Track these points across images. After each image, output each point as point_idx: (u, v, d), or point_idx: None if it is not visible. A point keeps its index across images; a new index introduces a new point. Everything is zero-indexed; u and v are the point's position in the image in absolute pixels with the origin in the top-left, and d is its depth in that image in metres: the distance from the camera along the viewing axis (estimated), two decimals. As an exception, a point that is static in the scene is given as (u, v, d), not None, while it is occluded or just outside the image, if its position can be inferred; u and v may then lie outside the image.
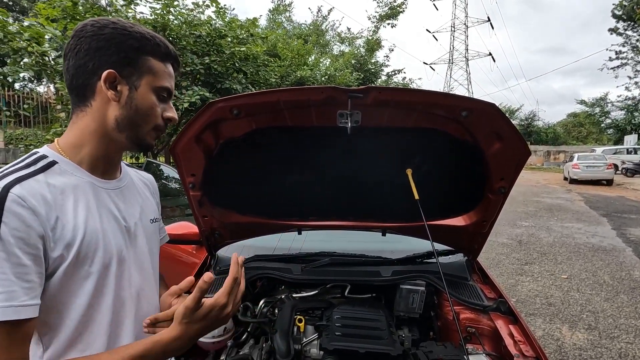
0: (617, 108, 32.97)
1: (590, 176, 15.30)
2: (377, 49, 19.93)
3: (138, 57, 0.74)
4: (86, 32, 0.71)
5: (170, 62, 0.80)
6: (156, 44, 0.75)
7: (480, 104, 1.12)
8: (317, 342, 1.35)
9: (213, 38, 7.20)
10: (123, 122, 0.75)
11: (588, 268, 4.89)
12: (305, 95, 1.14)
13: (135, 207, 0.86)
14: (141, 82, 0.74)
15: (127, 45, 0.72)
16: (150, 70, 0.75)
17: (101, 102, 0.73)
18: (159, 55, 0.76)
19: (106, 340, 0.74)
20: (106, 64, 0.71)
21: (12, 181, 0.62)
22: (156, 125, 0.79)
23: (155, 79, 0.76)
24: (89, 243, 0.70)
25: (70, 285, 0.68)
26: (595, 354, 2.85)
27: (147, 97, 0.75)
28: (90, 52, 0.71)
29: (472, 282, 1.67)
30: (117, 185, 0.82)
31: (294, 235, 1.92)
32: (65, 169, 0.72)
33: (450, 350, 1.26)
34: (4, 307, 0.57)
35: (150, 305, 0.87)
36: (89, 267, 0.70)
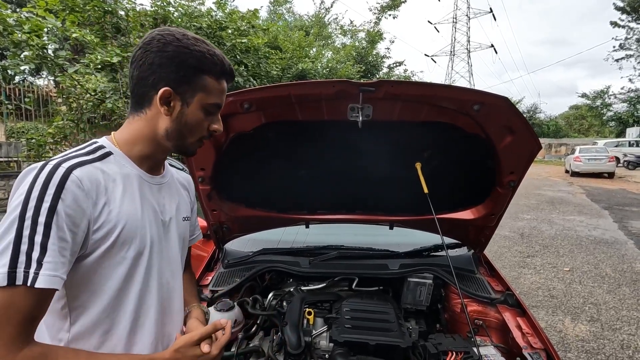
0: (620, 100, 32.78)
1: (592, 169, 15.26)
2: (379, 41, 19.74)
3: (195, 76, 0.77)
4: (152, 46, 0.75)
5: (225, 78, 0.82)
6: (214, 62, 0.78)
7: (492, 97, 1.11)
8: (326, 334, 1.37)
9: (214, 30, 7.14)
10: (172, 134, 0.80)
11: (590, 260, 4.91)
12: (316, 89, 1.13)
13: (173, 203, 0.90)
14: (194, 100, 0.78)
15: (187, 64, 0.75)
16: (204, 88, 0.78)
17: (155, 113, 0.78)
18: (214, 73, 0.79)
19: (129, 324, 0.77)
20: (164, 81, 0.75)
21: (75, 164, 0.68)
22: (201, 137, 0.84)
23: (207, 96, 0.79)
24: (129, 230, 0.74)
25: (106, 268, 0.73)
26: (597, 346, 2.88)
27: (196, 113, 0.79)
28: (153, 67, 0.75)
29: (479, 275, 1.68)
30: (160, 181, 0.87)
31: (299, 229, 1.93)
32: (119, 160, 0.78)
33: (459, 342, 1.28)
34: (51, 275, 0.62)
35: (175, 298, 0.90)
36: (125, 252, 0.74)
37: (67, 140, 6.12)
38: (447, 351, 1.22)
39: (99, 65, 5.81)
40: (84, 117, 6.03)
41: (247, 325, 1.44)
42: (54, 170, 0.65)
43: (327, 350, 1.31)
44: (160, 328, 0.84)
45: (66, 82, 5.59)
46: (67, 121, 5.94)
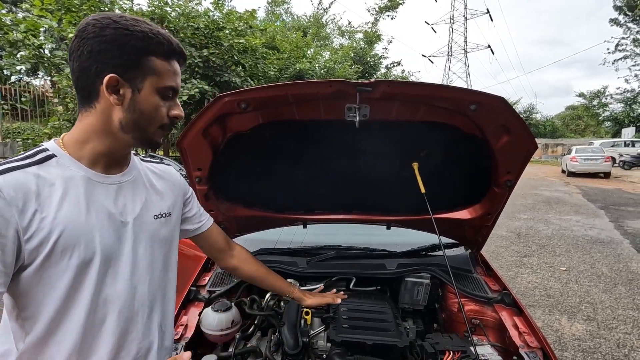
0: (616, 101, 33.00)
1: (588, 169, 15.36)
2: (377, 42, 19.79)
3: (141, 58, 0.72)
4: (88, 33, 0.69)
5: (175, 58, 0.77)
6: (159, 42, 0.73)
7: (489, 97, 1.12)
8: (324, 334, 1.37)
9: (211, 30, 7.13)
10: (128, 125, 0.75)
11: (586, 260, 4.93)
12: (313, 89, 1.13)
13: (137, 202, 0.84)
14: (144, 84, 0.73)
15: (129, 46, 0.70)
16: (154, 70, 0.74)
17: (105, 105, 0.73)
18: (162, 53, 0.74)
19: (81, 334, 0.73)
20: (108, 68, 0.70)
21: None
22: (162, 125, 0.79)
23: (159, 79, 0.74)
24: (70, 237, 0.70)
25: (49, 277, 0.69)
26: (594, 345, 2.89)
27: (150, 98, 0.75)
28: (92, 55, 0.70)
29: (476, 275, 1.69)
30: (119, 180, 0.81)
31: (296, 229, 1.93)
32: (62, 162, 0.73)
33: (456, 342, 1.28)
34: None
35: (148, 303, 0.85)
36: (67, 260, 0.70)
37: (63, 141, 6.09)
38: (444, 350, 1.22)
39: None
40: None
41: (244, 325, 1.44)
42: None
43: (324, 350, 1.31)
44: (124, 336, 0.80)
45: (63, 82, 5.57)
46: (64, 121, 5.92)
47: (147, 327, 0.85)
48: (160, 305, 0.89)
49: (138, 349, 0.83)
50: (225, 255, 1.23)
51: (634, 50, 28.99)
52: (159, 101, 0.76)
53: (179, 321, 1.35)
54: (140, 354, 0.83)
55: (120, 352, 0.79)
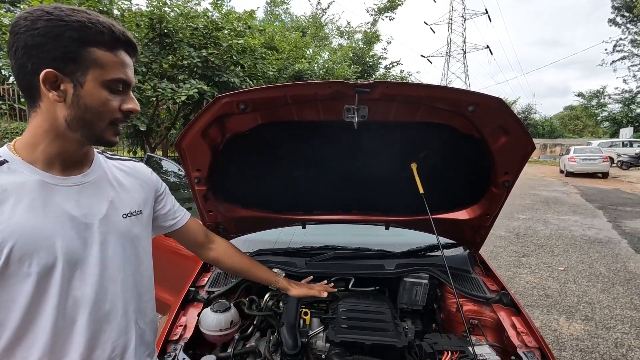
0: (614, 101, 33.11)
1: (586, 169, 15.41)
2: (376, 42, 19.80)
3: (80, 50, 0.67)
4: (20, 27, 0.66)
5: (122, 48, 0.72)
6: (99, 31, 0.68)
7: (486, 98, 1.12)
8: (323, 334, 1.37)
9: (210, 30, 7.12)
10: (74, 122, 0.71)
11: (584, 260, 4.95)
12: (312, 90, 1.14)
13: (102, 202, 0.81)
14: (87, 78, 0.69)
15: (65, 38, 0.66)
16: (96, 62, 0.69)
17: (48, 103, 0.70)
18: (104, 43, 0.69)
19: (51, 336, 0.73)
20: (45, 63, 0.66)
21: None
22: (113, 120, 0.75)
23: (103, 72, 0.70)
24: (26, 244, 0.68)
25: (10, 286, 0.68)
26: (592, 344, 2.90)
27: (95, 93, 0.70)
28: (27, 51, 0.66)
29: (475, 275, 1.69)
30: (80, 181, 0.78)
31: (295, 230, 1.94)
32: (15, 167, 0.71)
33: (454, 342, 1.29)
34: None
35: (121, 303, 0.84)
36: (27, 267, 0.69)
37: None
38: (442, 350, 1.23)
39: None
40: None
41: (243, 326, 1.44)
42: None
43: (323, 351, 1.31)
44: (97, 336, 0.80)
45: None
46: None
47: (122, 326, 0.85)
48: (135, 303, 0.88)
49: (113, 348, 0.83)
50: (205, 249, 1.22)
51: (631, 51, 29.10)
52: (106, 95, 0.71)
53: (177, 321, 1.35)
54: (116, 352, 0.83)
55: (94, 351, 0.79)
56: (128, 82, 0.74)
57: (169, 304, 1.77)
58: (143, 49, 6.67)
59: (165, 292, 2.28)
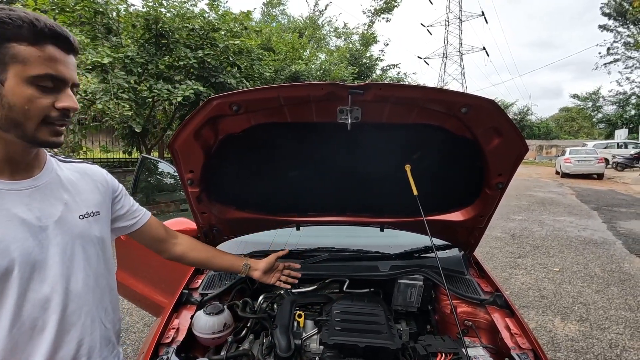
0: (609, 103, 33.40)
1: (582, 170, 15.52)
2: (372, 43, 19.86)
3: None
4: None
5: (49, 42, 0.68)
6: (18, 26, 0.65)
7: (479, 100, 1.12)
8: (317, 337, 1.36)
9: (206, 31, 7.12)
10: (3, 123, 0.69)
11: (579, 261, 4.98)
12: (305, 91, 1.13)
13: (56, 204, 0.81)
14: (7, 75, 0.66)
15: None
16: (16, 58, 0.65)
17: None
18: (25, 38, 0.65)
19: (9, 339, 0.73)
20: None
21: None
22: (45, 119, 0.71)
23: (24, 67, 0.66)
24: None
25: None
26: (586, 345, 2.91)
27: (17, 90, 0.67)
28: None
29: (469, 276, 1.69)
30: (31, 185, 0.78)
31: (290, 231, 1.93)
32: None
33: (448, 344, 1.28)
34: None
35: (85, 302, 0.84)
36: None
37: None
38: (436, 352, 1.23)
39: (90, 66, 5.75)
40: (74, 118, 5.96)
41: (237, 328, 1.43)
42: None
43: (317, 353, 1.30)
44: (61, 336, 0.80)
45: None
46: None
47: (87, 325, 0.85)
48: (99, 302, 0.89)
49: (78, 347, 0.83)
50: (168, 245, 1.21)
51: (625, 54, 29.36)
52: (31, 92, 0.68)
53: (170, 324, 1.34)
54: (81, 352, 0.84)
55: (59, 351, 0.79)
56: (60, 78, 0.70)
57: (162, 306, 1.76)
58: (139, 49, 6.65)
59: (159, 295, 2.27)
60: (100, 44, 6.36)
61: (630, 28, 27.66)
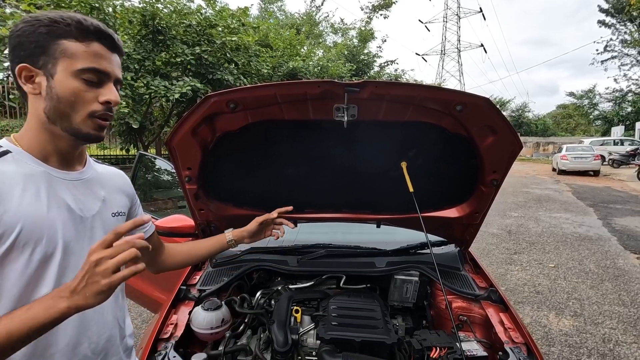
0: (605, 100, 33.53)
1: (578, 167, 15.61)
2: (370, 40, 19.82)
3: (49, 43, 0.71)
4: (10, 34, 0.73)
5: (94, 39, 0.74)
6: (67, 24, 0.71)
7: (474, 98, 1.14)
8: (313, 332, 1.38)
9: (203, 27, 7.09)
10: (51, 114, 0.74)
11: (575, 257, 5.02)
12: (301, 89, 1.14)
13: (96, 200, 0.86)
14: (57, 69, 0.71)
15: (36, 34, 0.70)
16: (65, 53, 0.71)
17: (31, 99, 0.74)
18: (73, 35, 0.71)
19: None
20: (21, 60, 0.71)
21: None
22: (91, 112, 0.75)
23: (72, 61, 0.71)
24: (31, 231, 0.70)
25: (9, 272, 0.69)
26: (580, 340, 2.95)
27: (66, 82, 0.72)
28: (11, 52, 0.72)
29: (464, 272, 1.71)
30: (77, 177, 0.82)
31: (287, 228, 1.94)
32: (18, 158, 0.74)
33: (443, 338, 1.30)
34: None
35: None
36: (29, 255, 0.71)
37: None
38: (431, 347, 1.25)
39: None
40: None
41: (234, 324, 1.45)
42: None
43: (313, 348, 1.32)
44: (83, 330, 0.81)
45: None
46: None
47: (108, 320, 0.87)
48: (116, 301, 0.91)
49: (98, 342, 0.84)
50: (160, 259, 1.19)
51: (622, 51, 29.43)
52: (78, 85, 0.73)
53: (168, 320, 1.35)
54: (101, 346, 0.85)
55: (81, 344, 0.80)
56: (104, 72, 0.75)
57: (160, 303, 1.77)
58: (136, 45, 6.61)
59: (157, 291, 2.28)
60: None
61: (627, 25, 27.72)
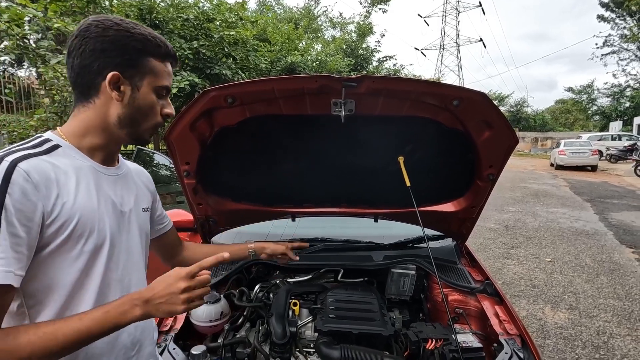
0: (604, 95, 33.52)
1: (576, 162, 15.65)
2: (369, 34, 19.71)
3: (140, 58, 0.78)
4: (90, 32, 0.74)
5: (170, 60, 0.84)
6: (157, 44, 0.80)
7: (470, 93, 1.15)
8: (311, 324, 1.40)
9: (201, 22, 7.04)
10: (125, 120, 0.80)
11: (571, 251, 5.06)
12: (299, 84, 1.15)
13: (131, 195, 0.90)
14: (143, 83, 0.79)
15: (130, 47, 0.76)
16: (152, 70, 0.79)
17: (104, 100, 0.78)
18: (159, 55, 0.80)
19: None
20: (110, 66, 0.75)
21: (20, 157, 0.67)
22: (156, 123, 0.84)
23: (156, 79, 0.80)
24: (85, 223, 0.73)
25: (62, 262, 0.72)
26: (575, 332, 2.99)
27: (148, 96, 0.80)
28: (95, 53, 0.74)
29: (461, 266, 1.73)
30: (115, 173, 0.87)
31: (286, 223, 1.95)
32: (68, 152, 0.76)
33: (439, 330, 1.32)
34: (4, 271, 0.61)
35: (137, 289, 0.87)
36: (82, 246, 0.74)
37: (50, 134, 5.97)
38: (427, 338, 1.27)
39: (83, 56, 5.67)
40: (67, 109, 5.89)
41: (233, 317, 1.46)
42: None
43: (311, 340, 1.34)
44: None
45: (49, 73, 5.45)
46: (50, 113, 5.79)
47: None
48: None
49: (135, 333, 0.87)
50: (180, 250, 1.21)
51: (621, 46, 29.36)
52: (154, 99, 0.81)
53: (168, 313, 1.37)
54: (138, 337, 0.88)
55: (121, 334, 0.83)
56: (170, 89, 0.85)
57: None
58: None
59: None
60: (93, 34, 6.27)
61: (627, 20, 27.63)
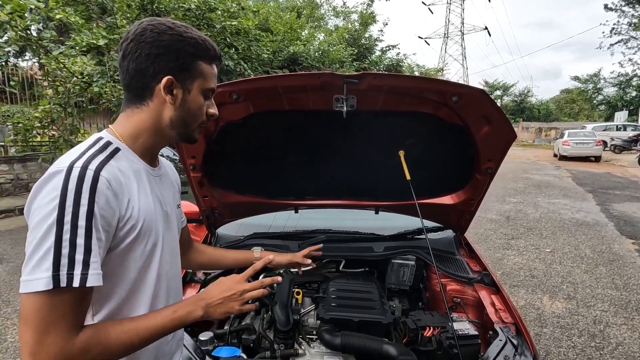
0: (610, 84, 33.07)
1: (579, 153, 15.55)
2: (371, 23, 19.45)
3: (192, 62, 0.80)
4: (146, 37, 0.77)
5: (216, 62, 0.86)
6: (207, 48, 0.82)
7: (470, 89, 1.17)
8: (314, 312, 1.45)
9: (203, 11, 6.99)
10: (177, 122, 0.83)
11: (571, 242, 5.10)
12: (302, 80, 1.18)
13: (170, 194, 0.93)
14: (194, 85, 0.82)
15: (183, 51, 0.78)
16: (202, 73, 0.82)
17: (158, 103, 0.80)
18: (208, 58, 0.83)
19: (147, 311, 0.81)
20: (165, 70, 0.78)
21: (99, 165, 0.70)
22: (202, 122, 0.87)
23: (204, 81, 0.83)
24: (149, 224, 0.78)
25: (127, 260, 0.76)
26: (572, 321, 3.05)
27: (197, 98, 0.83)
28: (150, 58, 0.77)
29: (459, 257, 1.78)
30: (158, 173, 0.89)
31: (289, 215, 2.00)
32: (127, 155, 0.80)
33: (436, 318, 1.37)
34: (97, 273, 0.67)
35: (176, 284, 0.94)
36: (144, 246, 0.78)
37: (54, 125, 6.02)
38: (425, 326, 1.32)
39: (85, 47, 5.67)
40: (71, 100, 5.92)
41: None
42: (83, 174, 0.66)
43: (314, 327, 1.39)
44: None
45: (51, 64, 5.46)
46: (54, 105, 5.82)
47: None
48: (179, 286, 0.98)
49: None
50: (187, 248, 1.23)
51: (629, 34, 28.83)
52: (202, 101, 0.84)
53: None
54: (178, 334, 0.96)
55: None
56: (214, 91, 0.88)
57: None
58: (134, 30, 6.51)
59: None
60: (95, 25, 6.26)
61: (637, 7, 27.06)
